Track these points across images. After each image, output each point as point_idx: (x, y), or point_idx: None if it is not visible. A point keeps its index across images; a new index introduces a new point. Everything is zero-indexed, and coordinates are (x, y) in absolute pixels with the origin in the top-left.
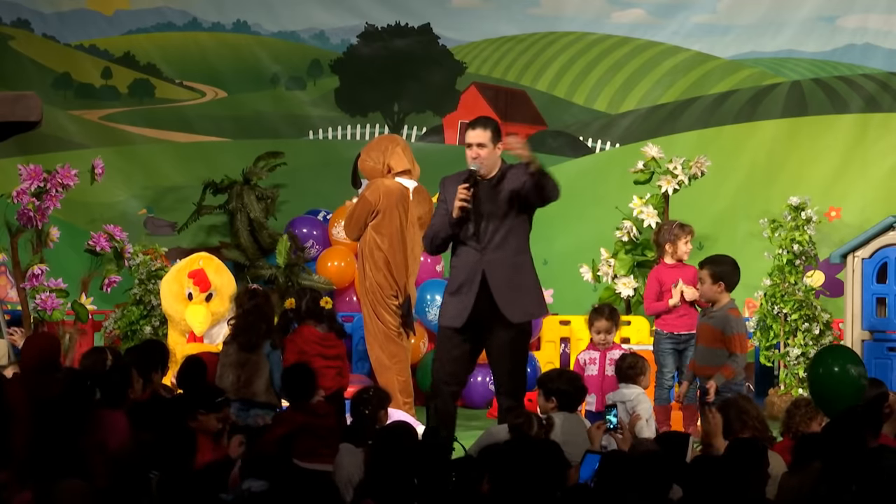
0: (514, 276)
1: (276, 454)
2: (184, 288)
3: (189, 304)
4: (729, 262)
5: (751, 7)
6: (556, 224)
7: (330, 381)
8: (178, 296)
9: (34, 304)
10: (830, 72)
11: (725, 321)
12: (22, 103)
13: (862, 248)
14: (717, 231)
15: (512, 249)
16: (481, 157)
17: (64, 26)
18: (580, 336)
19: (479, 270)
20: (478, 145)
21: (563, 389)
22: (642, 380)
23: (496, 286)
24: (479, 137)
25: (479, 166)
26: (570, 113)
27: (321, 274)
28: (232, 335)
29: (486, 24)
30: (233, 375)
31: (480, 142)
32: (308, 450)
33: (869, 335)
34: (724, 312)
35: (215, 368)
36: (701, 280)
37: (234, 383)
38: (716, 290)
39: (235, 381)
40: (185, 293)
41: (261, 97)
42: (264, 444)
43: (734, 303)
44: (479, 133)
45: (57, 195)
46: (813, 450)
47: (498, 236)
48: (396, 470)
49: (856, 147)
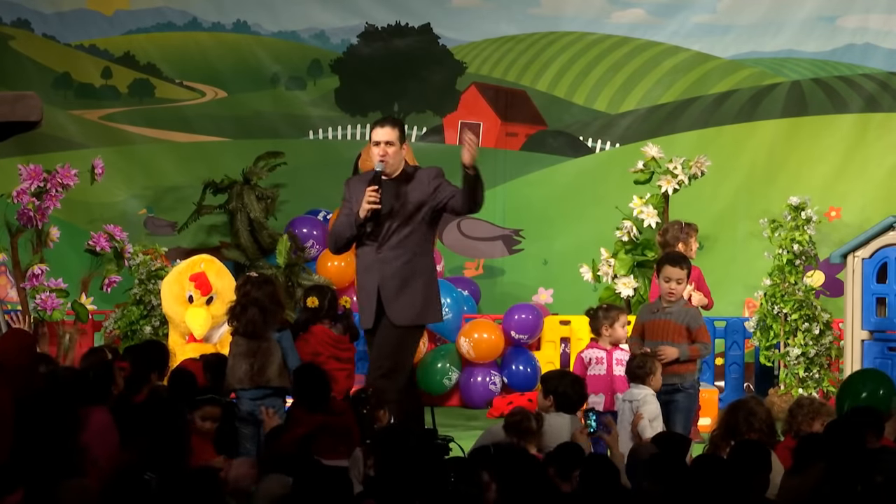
0: (405, 278)
1: (297, 452)
2: (185, 290)
3: (189, 307)
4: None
5: (751, 7)
6: (556, 224)
7: (342, 384)
8: (178, 298)
9: (34, 304)
10: (830, 72)
11: (689, 315)
12: (22, 103)
13: (862, 248)
14: (717, 231)
15: (409, 251)
16: (388, 156)
17: (64, 26)
18: (580, 336)
19: (374, 269)
20: (386, 143)
21: (562, 391)
22: (652, 380)
23: (384, 285)
24: (387, 135)
25: (385, 166)
26: (570, 113)
27: (321, 274)
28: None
29: (486, 24)
30: (245, 364)
31: (389, 140)
32: (328, 447)
33: (869, 335)
34: (681, 307)
35: (202, 373)
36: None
37: (247, 372)
38: (686, 289)
39: (249, 369)
40: (186, 295)
41: (261, 97)
42: (284, 444)
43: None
44: (387, 131)
45: (57, 195)
46: (814, 450)
47: (396, 237)
48: (398, 470)
49: (856, 147)
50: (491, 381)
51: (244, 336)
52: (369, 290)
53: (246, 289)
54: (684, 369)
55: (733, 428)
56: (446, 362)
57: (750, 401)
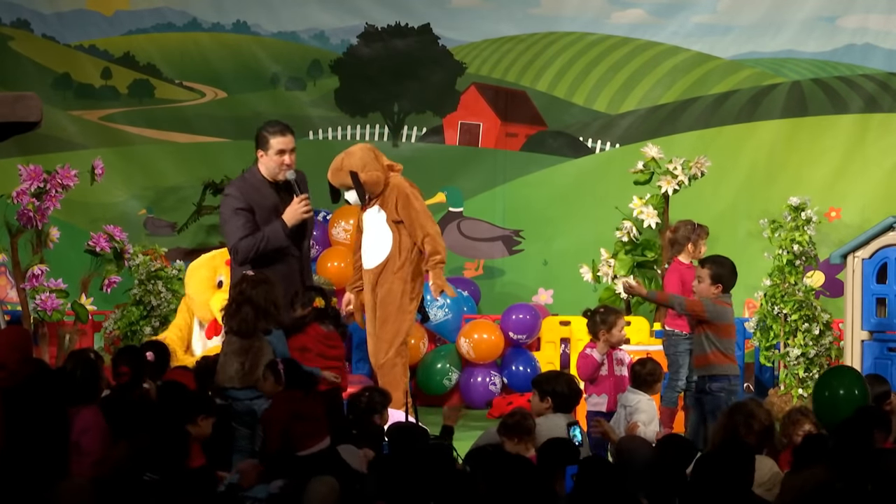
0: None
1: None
2: (216, 275)
3: (217, 292)
4: (729, 266)
5: (751, 7)
6: (556, 224)
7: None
8: (207, 281)
9: (34, 304)
10: (830, 72)
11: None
12: (22, 103)
13: (862, 248)
14: (718, 231)
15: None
16: (293, 164)
17: (64, 26)
18: (580, 336)
19: (298, 281)
20: (291, 151)
21: (559, 391)
22: (657, 387)
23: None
24: (293, 143)
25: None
26: (570, 113)
27: (321, 274)
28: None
29: (486, 24)
30: (237, 363)
31: (294, 147)
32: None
33: (869, 335)
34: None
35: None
36: (699, 278)
37: (238, 371)
38: (713, 291)
39: (240, 368)
40: (217, 280)
41: (261, 97)
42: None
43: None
44: (292, 139)
45: (57, 195)
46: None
47: (307, 244)
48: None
49: (856, 147)
50: (491, 382)
51: (237, 335)
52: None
53: (241, 287)
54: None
55: (733, 430)
56: (446, 363)
57: (750, 403)
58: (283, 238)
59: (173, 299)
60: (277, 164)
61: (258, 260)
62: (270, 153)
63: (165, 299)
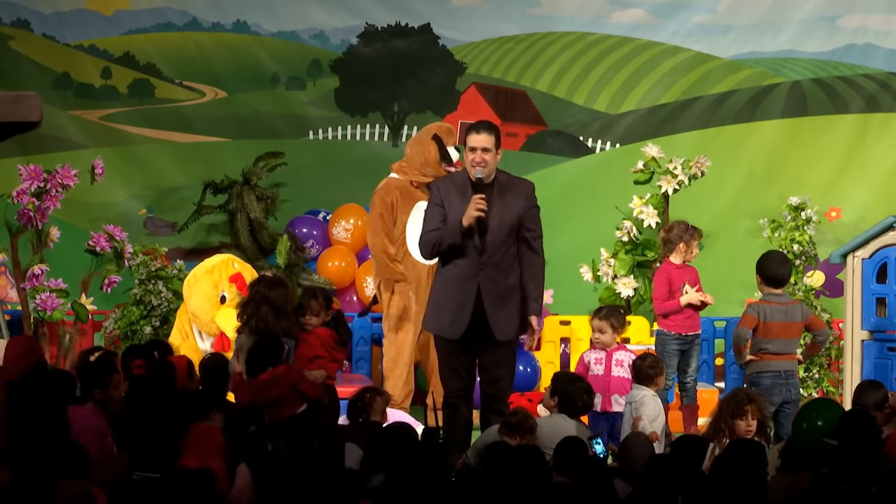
0: (506, 296)
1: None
2: (218, 290)
3: (221, 308)
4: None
5: (751, 7)
6: (556, 224)
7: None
8: (210, 297)
9: (34, 304)
10: (831, 72)
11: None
12: (22, 103)
13: (862, 248)
14: (717, 231)
15: (508, 265)
16: (486, 162)
17: (64, 26)
18: (580, 336)
19: (474, 285)
20: (483, 150)
21: (569, 394)
22: (660, 380)
23: (489, 303)
24: (484, 142)
25: (483, 172)
26: (570, 113)
27: (321, 274)
28: (241, 323)
29: (486, 24)
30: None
31: (486, 146)
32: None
33: (869, 335)
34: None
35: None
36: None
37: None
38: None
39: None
40: (219, 295)
41: (261, 97)
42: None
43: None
44: (484, 138)
45: (57, 195)
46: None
47: (499, 252)
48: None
49: (856, 147)
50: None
51: (254, 333)
52: (464, 305)
53: (259, 287)
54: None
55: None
56: None
57: (738, 393)
58: (448, 234)
59: (173, 299)
60: (469, 162)
61: (440, 254)
62: (467, 150)
63: (165, 299)
